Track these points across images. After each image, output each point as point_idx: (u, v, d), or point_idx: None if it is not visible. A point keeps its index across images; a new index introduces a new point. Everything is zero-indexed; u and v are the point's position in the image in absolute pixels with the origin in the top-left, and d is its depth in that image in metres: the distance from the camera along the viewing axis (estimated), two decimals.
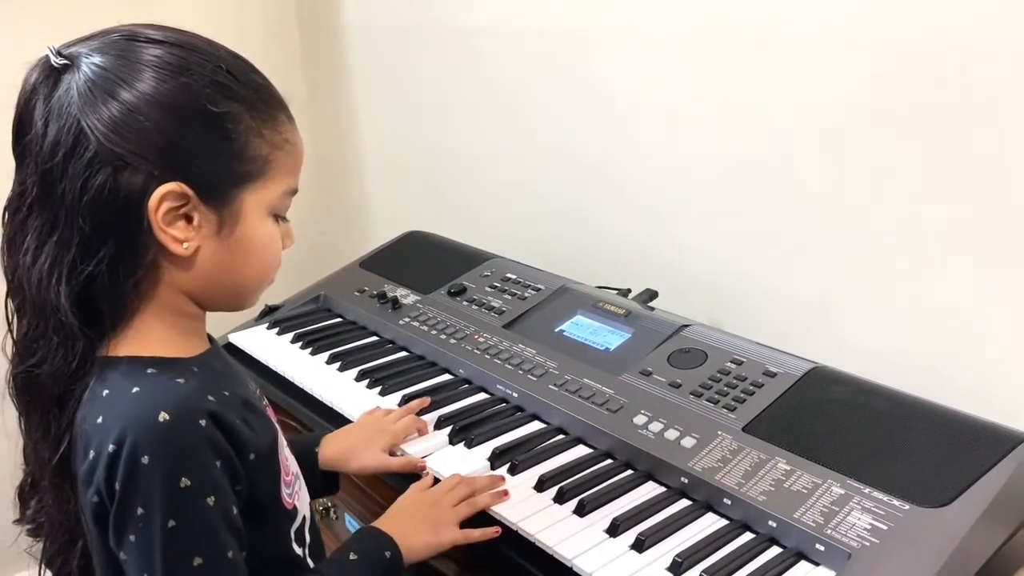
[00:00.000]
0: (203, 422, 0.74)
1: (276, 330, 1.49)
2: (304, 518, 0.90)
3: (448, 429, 1.16)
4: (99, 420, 0.74)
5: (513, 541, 0.97)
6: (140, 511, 0.71)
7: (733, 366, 1.15)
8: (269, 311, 1.58)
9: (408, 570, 0.95)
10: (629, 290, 1.46)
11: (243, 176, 0.78)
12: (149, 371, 0.76)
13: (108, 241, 0.74)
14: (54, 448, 0.78)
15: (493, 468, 1.08)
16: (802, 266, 1.34)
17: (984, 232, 1.13)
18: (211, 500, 0.73)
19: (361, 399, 1.26)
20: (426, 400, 1.22)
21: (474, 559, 1.01)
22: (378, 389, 1.28)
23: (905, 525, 0.87)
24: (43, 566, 0.87)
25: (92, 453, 0.73)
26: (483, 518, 1.00)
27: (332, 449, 1.11)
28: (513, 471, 1.07)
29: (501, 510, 0.99)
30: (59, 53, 0.75)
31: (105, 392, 0.75)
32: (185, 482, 0.72)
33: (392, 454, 1.12)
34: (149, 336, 0.78)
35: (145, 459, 0.71)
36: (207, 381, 0.78)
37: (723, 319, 1.42)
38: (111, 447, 0.71)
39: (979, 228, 1.13)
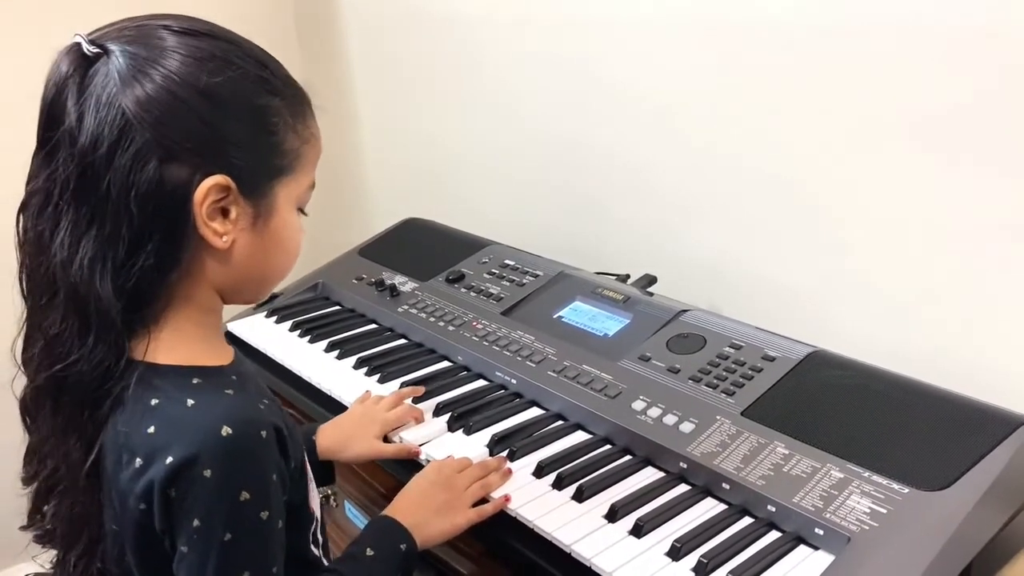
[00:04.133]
0: (264, 433, 0.73)
1: (275, 318, 1.49)
2: (318, 520, 0.90)
3: (447, 416, 1.16)
4: (150, 430, 0.72)
5: (513, 528, 0.97)
6: (197, 523, 0.71)
7: (732, 351, 1.15)
8: (268, 299, 1.57)
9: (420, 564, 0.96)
10: (628, 276, 1.45)
11: (278, 170, 0.78)
12: (195, 381, 0.75)
13: (153, 235, 0.72)
14: (86, 450, 0.76)
15: (492, 454, 1.08)
16: (801, 251, 1.34)
17: (982, 215, 1.12)
18: (264, 515, 0.73)
19: (360, 387, 1.25)
20: (420, 389, 1.21)
21: (477, 543, 1.01)
22: (377, 376, 1.28)
23: (904, 509, 0.87)
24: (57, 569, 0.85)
25: (139, 461, 0.72)
26: (479, 500, 1.00)
27: (326, 439, 1.11)
28: (512, 457, 1.07)
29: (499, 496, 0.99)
30: (91, 42, 0.72)
31: (154, 402, 0.74)
32: (245, 496, 0.71)
33: (387, 439, 1.12)
34: (183, 338, 0.77)
35: (207, 472, 0.70)
36: (251, 390, 0.79)
37: (722, 304, 1.42)
38: (169, 459, 0.70)
39: (977, 211, 1.12)
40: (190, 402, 0.73)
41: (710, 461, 0.98)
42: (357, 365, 1.31)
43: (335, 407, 1.24)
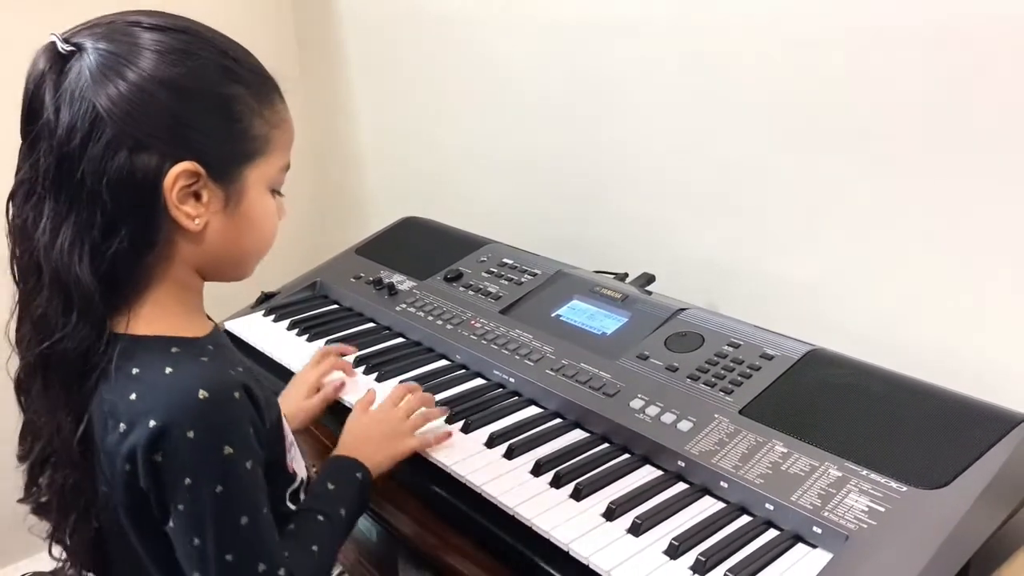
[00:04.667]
0: (237, 394, 0.79)
1: (272, 317, 1.49)
2: (301, 481, 0.96)
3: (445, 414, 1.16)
4: (132, 397, 0.78)
5: (510, 526, 0.96)
6: (188, 481, 0.76)
7: (730, 349, 1.15)
8: (265, 298, 1.57)
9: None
10: (626, 274, 1.45)
11: (247, 154, 0.83)
12: (174, 350, 0.81)
13: (127, 220, 0.78)
14: (76, 422, 0.81)
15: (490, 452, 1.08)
16: (799, 249, 1.34)
17: (981, 213, 1.12)
18: (249, 464, 0.79)
19: (358, 385, 1.25)
20: (350, 349, 1.30)
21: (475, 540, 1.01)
22: (375, 375, 1.27)
23: (903, 507, 0.87)
24: (52, 542, 0.90)
25: (123, 426, 0.78)
26: (477, 500, 1.00)
27: None
28: (510, 456, 1.06)
29: (499, 495, 0.99)
30: (66, 40, 0.77)
31: (135, 371, 0.79)
32: (228, 450, 0.77)
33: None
34: (164, 313, 0.83)
35: (191, 434, 0.76)
36: (225, 358, 0.85)
37: (720, 303, 1.42)
38: (152, 423, 0.76)
39: (976, 209, 1.12)
40: (168, 369, 0.79)
41: (708, 459, 0.98)
42: (355, 364, 1.31)
43: (334, 407, 1.24)
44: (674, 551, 0.88)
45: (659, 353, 1.17)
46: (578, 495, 0.98)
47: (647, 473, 1.03)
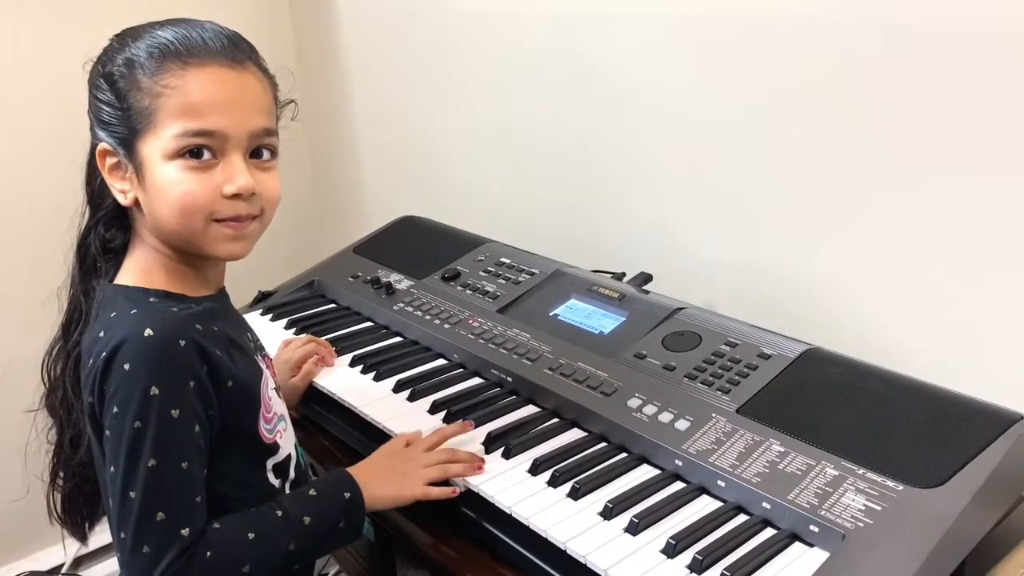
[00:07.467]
0: (182, 343, 0.85)
1: (270, 316, 1.49)
2: (289, 456, 1.01)
3: (443, 413, 1.16)
4: (100, 334, 0.86)
5: (507, 526, 0.97)
6: (115, 410, 0.83)
7: (727, 348, 1.15)
8: (262, 297, 1.57)
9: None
10: (624, 273, 1.45)
11: (137, 131, 0.88)
12: (152, 299, 0.90)
13: (98, 191, 0.94)
14: (67, 358, 0.96)
15: (488, 452, 1.08)
16: (797, 248, 1.34)
17: (978, 213, 1.12)
18: (175, 412, 0.84)
19: (355, 385, 1.25)
20: (328, 346, 1.33)
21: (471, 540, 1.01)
22: (372, 375, 1.27)
23: (899, 506, 0.87)
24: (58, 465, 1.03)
25: (91, 361, 0.86)
26: (475, 499, 1.01)
27: None
28: (507, 455, 1.07)
29: (495, 494, 0.99)
30: None
31: (113, 314, 0.88)
32: (154, 391, 0.83)
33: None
34: (147, 270, 0.93)
35: (126, 366, 0.83)
36: (201, 315, 0.90)
37: (717, 302, 1.42)
38: (104, 355, 0.84)
39: (976, 209, 1.13)
40: (133, 312, 0.87)
41: (705, 459, 0.99)
42: (352, 363, 1.31)
43: (332, 406, 1.24)
44: (671, 550, 0.88)
45: (657, 352, 1.18)
46: (575, 494, 0.98)
47: (644, 472, 1.03)
